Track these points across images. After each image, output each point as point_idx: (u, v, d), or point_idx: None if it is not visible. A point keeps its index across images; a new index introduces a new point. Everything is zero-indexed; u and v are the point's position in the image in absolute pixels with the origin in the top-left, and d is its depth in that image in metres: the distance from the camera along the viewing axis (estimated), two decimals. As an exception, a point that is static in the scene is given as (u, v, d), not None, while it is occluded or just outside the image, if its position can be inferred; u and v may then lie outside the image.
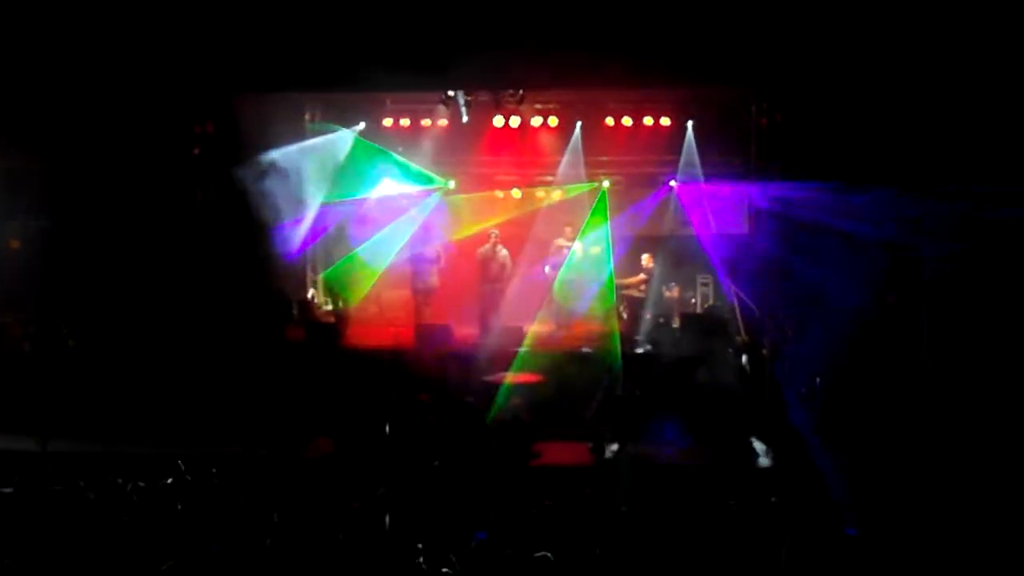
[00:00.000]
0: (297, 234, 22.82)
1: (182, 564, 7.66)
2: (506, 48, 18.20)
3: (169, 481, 12.14)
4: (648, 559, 8.57)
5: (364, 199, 24.06)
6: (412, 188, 24.34)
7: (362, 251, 23.29)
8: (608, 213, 23.41)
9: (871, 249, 19.46)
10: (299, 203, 22.60)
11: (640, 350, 20.33)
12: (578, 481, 13.92)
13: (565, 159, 23.97)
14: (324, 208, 23.65)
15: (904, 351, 19.21)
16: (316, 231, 23.80)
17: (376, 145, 24.03)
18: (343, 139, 23.88)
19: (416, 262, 22.93)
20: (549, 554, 8.16)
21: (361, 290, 22.98)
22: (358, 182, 24.00)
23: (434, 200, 24.39)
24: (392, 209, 24.11)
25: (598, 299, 22.40)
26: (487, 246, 22.89)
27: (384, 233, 23.66)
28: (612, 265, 22.44)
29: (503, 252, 22.89)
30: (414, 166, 24.10)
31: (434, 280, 22.85)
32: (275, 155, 21.82)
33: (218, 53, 19.53)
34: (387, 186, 24.34)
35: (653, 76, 19.30)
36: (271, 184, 21.67)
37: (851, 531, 9.87)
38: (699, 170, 23.16)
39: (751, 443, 17.73)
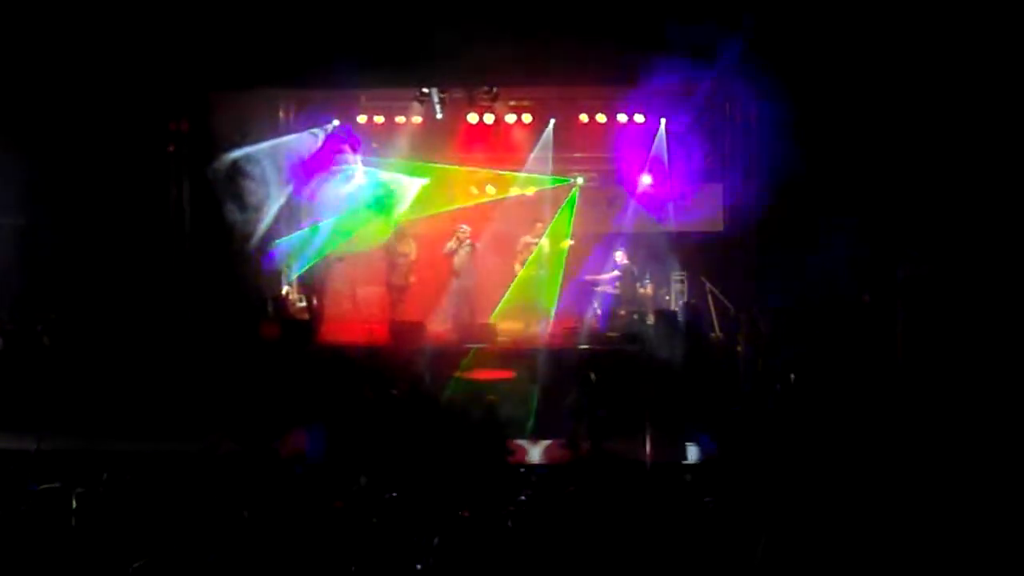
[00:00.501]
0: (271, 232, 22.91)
1: (153, 563, 7.63)
2: (481, 45, 18.18)
3: (137, 479, 12.12)
4: (628, 556, 8.58)
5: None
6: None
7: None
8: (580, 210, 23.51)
9: (847, 248, 19.55)
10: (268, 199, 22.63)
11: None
12: (554, 478, 13.91)
13: (534, 154, 23.99)
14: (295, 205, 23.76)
15: (879, 349, 19.31)
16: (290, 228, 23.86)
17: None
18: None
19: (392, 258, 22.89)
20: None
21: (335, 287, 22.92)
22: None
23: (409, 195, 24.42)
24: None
25: (567, 294, 22.50)
26: (453, 242, 22.81)
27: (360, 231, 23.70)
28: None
29: (468, 247, 22.78)
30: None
31: (410, 277, 22.79)
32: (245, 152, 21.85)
33: (193, 50, 19.53)
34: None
35: (629, 71, 19.30)
36: (243, 182, 21.71)
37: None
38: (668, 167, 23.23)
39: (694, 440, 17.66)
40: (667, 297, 23.06)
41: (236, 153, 21.78)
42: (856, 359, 19.45)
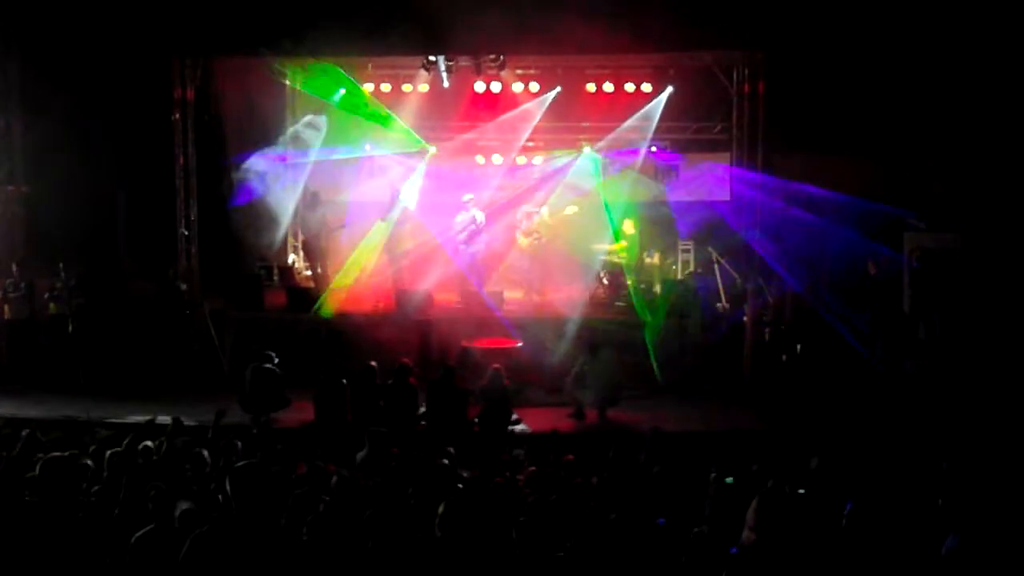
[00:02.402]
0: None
1: (159, 530, 7.62)
2: (489, 13, 18.09)
3: (145, 446, 12.12)
4: (629, 529, 8.57)
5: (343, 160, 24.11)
6: (395, 149, 24.26)
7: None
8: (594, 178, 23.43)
9: (855, 219, 19.54)
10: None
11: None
12: (558, 447, 13.91)
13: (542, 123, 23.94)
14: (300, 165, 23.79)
15: (885, 321, 19.29)
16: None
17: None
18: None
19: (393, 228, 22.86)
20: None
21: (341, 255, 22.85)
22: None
23: (416, 165, 24.39)
24: (370, 172, 24.11)
25: (573, 264, 22.46)
26: (464, 213, 22.81)
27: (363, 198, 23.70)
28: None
29: (478, 216, 22.77)
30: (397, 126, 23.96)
31: (407, 244, 22.76)
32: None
33: (197, 16, 19.45)
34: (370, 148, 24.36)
35: (637, 41, 19.23)
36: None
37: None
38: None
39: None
40: (674, 267, 23.02)
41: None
42: (862, 329, 19.45)
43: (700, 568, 7.56)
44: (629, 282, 21.71)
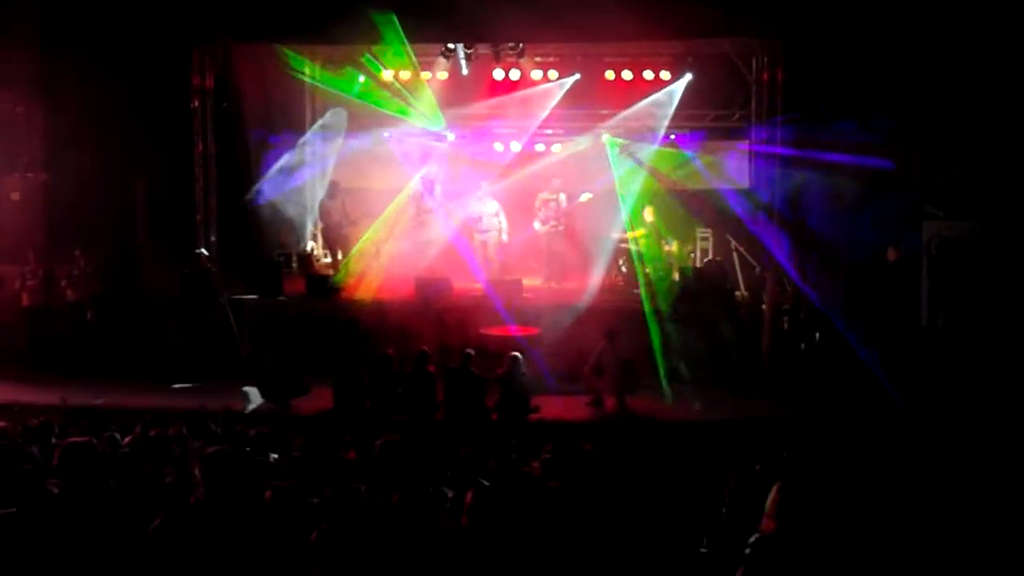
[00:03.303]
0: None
1: (173, 520, 7.63)
2: (509, 1, 18.10)
3: (160, 434, 12.17)
4: (647, 515, 8.57)
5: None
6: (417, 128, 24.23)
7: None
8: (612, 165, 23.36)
9: (873, 206, 19.48)
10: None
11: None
12: (577, 435, 13.92)
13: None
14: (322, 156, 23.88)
15: (903, 308, 19.25)
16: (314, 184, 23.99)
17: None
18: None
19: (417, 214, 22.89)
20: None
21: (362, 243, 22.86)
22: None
23: (434, 151, 24.38)
24: (391, 161, 24.08)
25: (590, 251, 22.44)
26: (477, 198, 22.89)
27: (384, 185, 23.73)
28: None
29: (493, 205, 22.85)
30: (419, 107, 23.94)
31: (437, 231, 22.81)
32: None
33: (216, 2, 19.50)
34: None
35: (656, 28, 19.20)
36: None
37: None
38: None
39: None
40: (692, 254, 22.98)
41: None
42: (882, 316, 19.41)
43: (719, 557, 7.56)
44: (648, 270, 21.70)
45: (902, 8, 18.78)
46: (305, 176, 23.97)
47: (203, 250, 20.49)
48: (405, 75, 23.56)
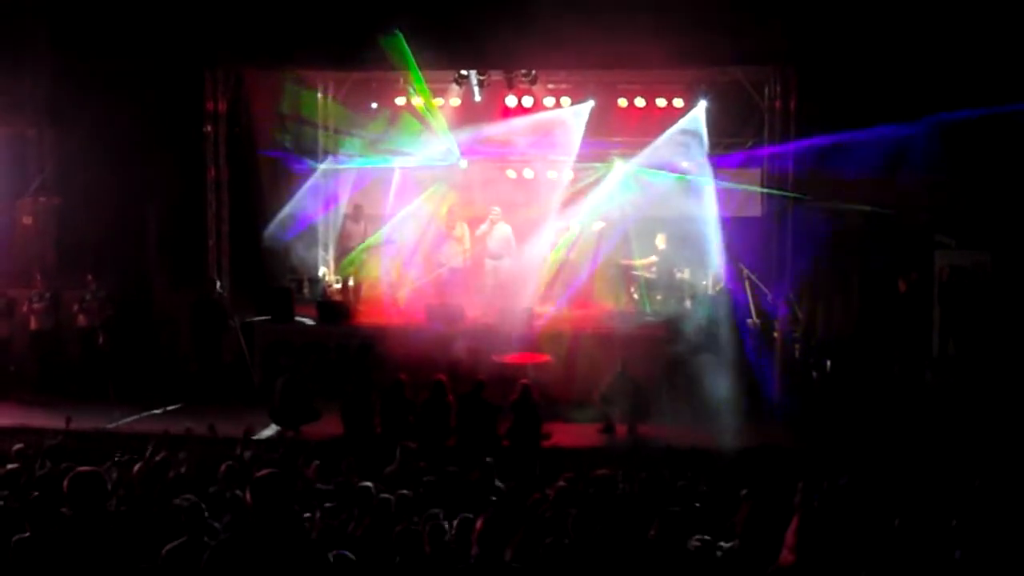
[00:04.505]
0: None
1: (184, 547, 7.62)
2: (521, 29, 18.12)
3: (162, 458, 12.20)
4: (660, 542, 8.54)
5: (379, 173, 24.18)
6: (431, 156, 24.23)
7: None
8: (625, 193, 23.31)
9: (884, 235, 19.49)
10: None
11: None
12: (589, 462, 13.89)
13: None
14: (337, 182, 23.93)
15: (914, 337, 19.25)
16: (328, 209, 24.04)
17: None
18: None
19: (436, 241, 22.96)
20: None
21: (373, 269, 22.87)
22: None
23: (448, 178, 24.36)
24: (406, 188, 24.08)
25: (603, 279, 22.41)
26: (486, 225, 22.93)
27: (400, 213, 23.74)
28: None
29: (505, 230, 22.87)
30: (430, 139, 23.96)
31: (457, 260, 22.86)
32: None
33: (231, 28, 19.60)
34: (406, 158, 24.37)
35: (669, 57, 19.23)
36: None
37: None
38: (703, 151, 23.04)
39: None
40: (704, 282, 22.93)
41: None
42: (892, 345, 19.40)
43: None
44: (660, 297, 21.71)
45: (916, 36, 18.80)
46: (319, 203, 23.99)
47: (215, 275, 20.54)
48: (418, 101, 23.60)
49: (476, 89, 23.13)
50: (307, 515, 9.25)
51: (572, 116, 23.45)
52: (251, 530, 6.69)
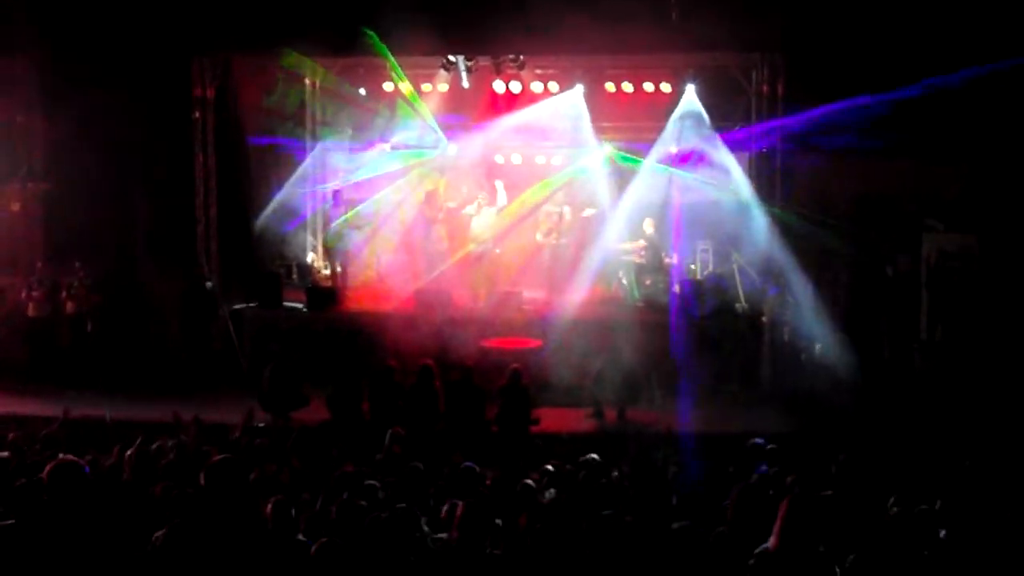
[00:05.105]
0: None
1: (177, 532, 7.61)
2: (509, 14, 18.13)
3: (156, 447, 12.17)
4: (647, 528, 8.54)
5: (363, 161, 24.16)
6: (419, 141, 24.25)
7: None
8: (615, 178, 23.28)
9: (872, 222, 19.51)
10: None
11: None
12: (579, 448, 13.91)
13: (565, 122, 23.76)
14: (324, 171, 23.90)
15: (903, 321, 19.28)
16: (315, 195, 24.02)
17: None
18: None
19: (421, 226, 22.95)
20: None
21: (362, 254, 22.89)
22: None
23: (435, 162, 24.35)
24: (393, 174, 24.07)
25: (592, 264, 22.39)
26: (472, 209, 23.00)
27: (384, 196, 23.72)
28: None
29: (492, 215, 22.91)
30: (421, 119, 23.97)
31: (442, 244, 22.84)
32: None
33: (218, 14, 19.54)
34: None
35: (657, 42, 19.24)
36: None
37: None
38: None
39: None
40: (692, 267, 22.93)
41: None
42: (881, 330, 19.43)
43: (720, 573, 7.53)
44: (649, 282, 21.71)
45: (903, 21, 18.79)
46: (308, 189, 23.99)
47: (204, 261, 20.52)
48: (406, 87, 23.58)
49: (464, 74, 23.11)
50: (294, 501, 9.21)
51: (568, 106, 23.37)
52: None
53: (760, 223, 20.27)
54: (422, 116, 23.71)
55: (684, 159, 23.01)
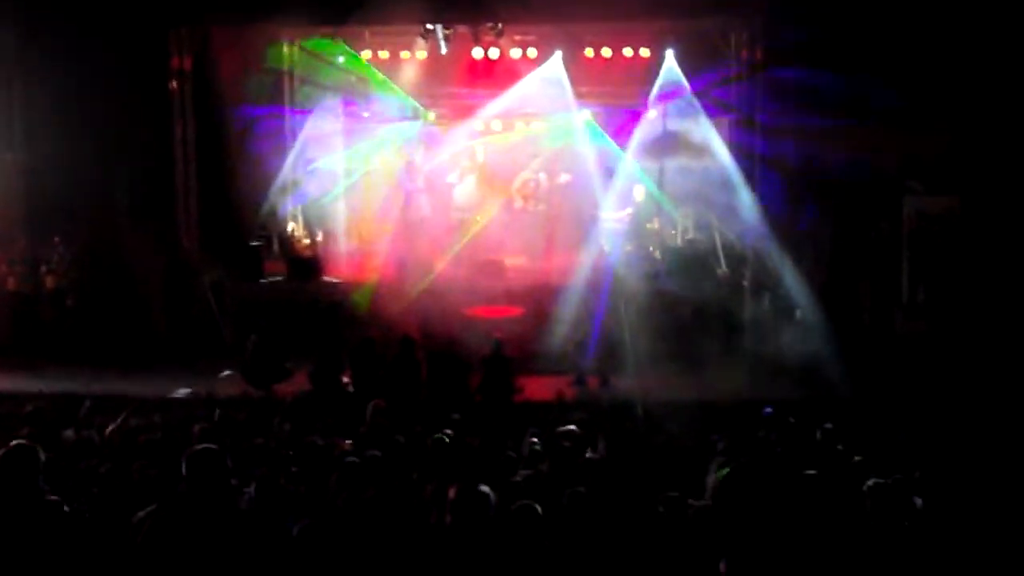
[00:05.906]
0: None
1: (163, 509, 7.60)
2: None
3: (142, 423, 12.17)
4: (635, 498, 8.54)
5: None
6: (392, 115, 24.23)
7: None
8: (594, 144, 23.25)
9: (853, 185, 19.51)
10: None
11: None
12: (561, 416, 13.90)
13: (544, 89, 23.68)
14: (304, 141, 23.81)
15: (884, 283, 19.31)
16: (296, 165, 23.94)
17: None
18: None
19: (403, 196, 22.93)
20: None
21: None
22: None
23: (415, 131, 24.31)
24: (372, 142, 24.04)
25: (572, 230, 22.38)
26: (454, 177, 23.00)
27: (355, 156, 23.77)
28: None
29: (473, 182, 22.90)
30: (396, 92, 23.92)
31: (426, 211, 22.82)
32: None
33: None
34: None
35: (638, 7, 19.19)
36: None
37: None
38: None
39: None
40: (673, 232, 22.93)
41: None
42: (862, 292, 19.47)
43: (702, 544, 7.53)
44: (630, 248, 21.70)
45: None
46: (286, 161, 23.91)
47: (184, 233, 20.48)
48: (384, 55, 23.52)
49: (442, 42, 23.02)
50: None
51: (547, 72, 23.29)
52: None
53: (743, 194, 20.28)
54: (400, 85, 23.63)
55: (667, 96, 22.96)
